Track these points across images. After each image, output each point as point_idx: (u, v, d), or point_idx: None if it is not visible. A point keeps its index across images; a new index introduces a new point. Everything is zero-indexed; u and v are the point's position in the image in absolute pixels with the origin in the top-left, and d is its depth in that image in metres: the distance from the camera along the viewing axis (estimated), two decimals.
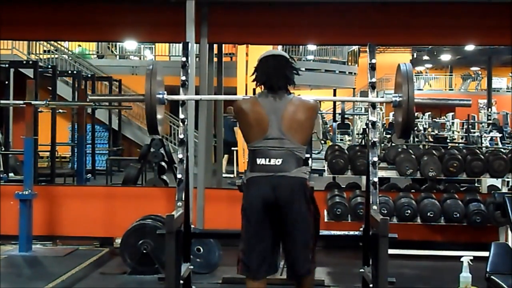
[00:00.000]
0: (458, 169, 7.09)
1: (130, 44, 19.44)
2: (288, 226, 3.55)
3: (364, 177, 6.44)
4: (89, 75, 14.96)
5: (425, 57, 32.05)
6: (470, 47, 22.68)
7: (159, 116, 3.73)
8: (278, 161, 3.52)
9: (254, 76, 3.73)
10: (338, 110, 17.55)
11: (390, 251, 3.36)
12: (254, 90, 12.15)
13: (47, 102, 7.89)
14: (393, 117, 21.38)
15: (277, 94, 3.60)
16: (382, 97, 31.07)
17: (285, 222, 3.55)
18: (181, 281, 3.65)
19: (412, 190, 7.58)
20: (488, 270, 4.63)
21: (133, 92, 17.65)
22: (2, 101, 8.78)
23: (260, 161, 3.55)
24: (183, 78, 3.84)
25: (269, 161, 3.53)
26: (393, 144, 10.65)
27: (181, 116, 3.84)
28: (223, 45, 11.10)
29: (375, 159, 3.71)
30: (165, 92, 3.78)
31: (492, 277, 4.56)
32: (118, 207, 7.67)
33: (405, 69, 3.63)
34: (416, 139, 14.91)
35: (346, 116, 26.16)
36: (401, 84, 3.60)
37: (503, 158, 7.14)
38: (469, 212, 7.03)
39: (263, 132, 3.55)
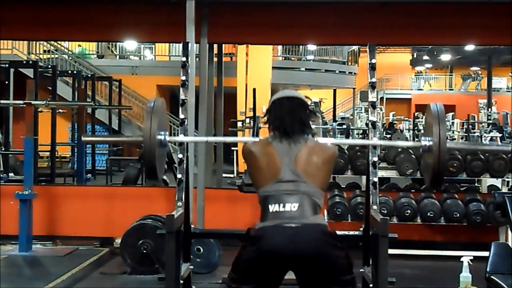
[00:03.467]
0: (458, 169, 7.09)
1: (130, 44, 19.44)
2: (317, 283, 3.03)
3: (364, 177, 6.44)
4: (89, 75, 14.97)
5: (425, 57, 32.07)
6: (470, 47, 22.69)
7: (159, 159, 3.43)
8: (294, 206, 3.04)
9: (266, 119, 3.27)
10: (339, 111, 17.57)
11: (390, 251, 3.35)
12: (254, 90, 12.18)
13: (47, 102, 7.89)
14: (393, 117, 21.36)
15: (291, 138, 3.17)
16: (382, 96, 30.80)
17: (316, 281, 3.03)
18: (181, 281, 3.64)
19: (412, 190, 7.58)
20: (488, 270, 4.63)
21: (132, 92, 17.72)
22: (2, 101, 8.78)
23: (273, 207, 3.06)
24: (183, 78, 3.83)
25: (283, 206, 3.05)
26: None
27: (181, 116, 3.83)
28: (223, 45, 11.11)
29: (375, 159, 3.70)
30: (167, 132, 3.52)
31: (492, 277, 4.56)
32: (118, 207, 7.67)
33: (436, 110, 3.28)
34: (416, 139, 14.92)
35: (345, 116, 26.11)
36: (432, 126, 3.25)
37: (503, 158, 7.14)
38: (469, 212, 7.03)
39: (275, 175, 3.10)
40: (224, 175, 11.33)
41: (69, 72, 15.36)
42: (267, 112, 3.31)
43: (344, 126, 12.06)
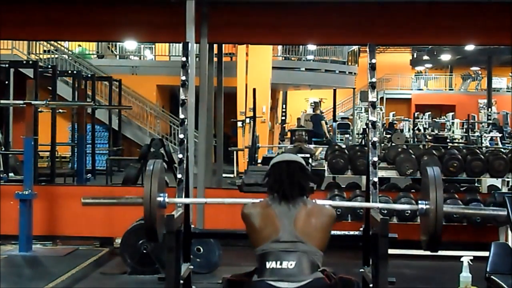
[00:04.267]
0: (458, 169, 7.09)
1: (130, 44, 19.43)
2: None
3: (364, 177, 6.44)
4: (89, 75, 14.95)
5: (425, 57, 32.07)
6: (470, 47, 22.68)
7: (159, 221, 3.45)
8: (291, 264, 3.06)
9: (266, 182, 3.36)
10: (339, 111, 17.60)
11: (390, 251, 3.36)
12: (254, 90, 12.10)
13: (47, 102, 7.89)
14: (393, 117, 21.35)
15: (290, 201, 3.25)
16: (382, 96, 30.67)
17: None
18: (181, 281, 3.65)
19: (412, 190, 7.58)
20: (488, 270, 4.63)
21: (132, 92, 17.71)
22: (2, 101, 8.78)
23: (270, 264, 3.08)
24: (183, 78, 3.84)
25: (281, 263, 3.07)
26: (393, 144, 10.65)
27: (181, 116, 3.83)
28: (223, 45, 11.11)
29: (375, 159, 3.70)
30: (166, 194, 3.54)
31: (492, 277, 4.57)
32: (118, 207, 7.64)
33: (433, 175, 3.28)
34: (416, 139, 14.93)
35: (346, 116, 26.07)
36: (428, 190, 3.26)
37: (503, 158, 7.14)
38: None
39: (274, 235, 3.15)
40: (224, 175, 11.32)
41: (69, 72, 15.33)
42: (266, 175, 3.38)
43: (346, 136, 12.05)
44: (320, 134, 16.63)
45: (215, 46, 9.31)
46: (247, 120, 13.76)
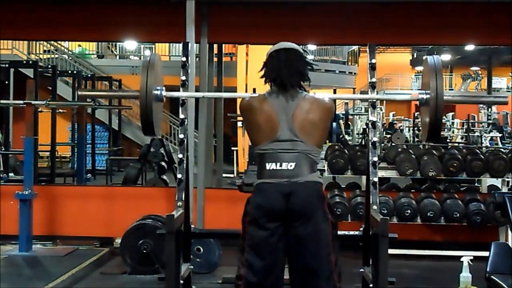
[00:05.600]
0: (458, 169, 7.09)
1: (130, 44, 19.44)
2: (305, 243, 3.09)
3: (364, 177, 6.44)
4: (89, 75, 14.96)
5: (425, 57, 32.02)
6: (470, 47, 22.67)
7: (156, 115, 3.41)
8: (291, 165, 3.09)
9: (262, 72, 3.29)
10: (339, 111, 17.57)
11: (390, 251, 3.35)
12: (254, 90, 12.15)
13: (47, 102, 7.89)
14: (393, 117, 21.35)
15: (288, 92, 3.18)
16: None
17: (300, 238, 3.08)
18: (181, 281, 3.64)
19: (412, 190, 7.59)
20: (488, 270, 4.63)
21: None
22: (2, 101, 8.78)
23: (270, 165, 3.11)
24: (183, 78, 3.83)
25: (280, 165, 3.09)
26: (393, 144, 10.65)
27: (181, 116, 3.82)
28: (223, 45, 11.12)
29: (375, 159, 3.70)
30: (164, 88, 3.52)
31: (492, 277, 4.56)
32: (118, 207, 7.67)
33: (433, 62, 3.28)
34: (416, 139, 14.92)
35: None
36: (429, 79, 3.24)
37: (503, 158, 7.14)
38: (469, 212, 7.03)
39: (273, 133, 3.13)
40: (224, 175, 11.33)
41: (69, 72, 15.35)
42: (263, 65, 3.29)
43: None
44: (337, 132, 16.78)
45: (215, 46, 9.32)
46: None
